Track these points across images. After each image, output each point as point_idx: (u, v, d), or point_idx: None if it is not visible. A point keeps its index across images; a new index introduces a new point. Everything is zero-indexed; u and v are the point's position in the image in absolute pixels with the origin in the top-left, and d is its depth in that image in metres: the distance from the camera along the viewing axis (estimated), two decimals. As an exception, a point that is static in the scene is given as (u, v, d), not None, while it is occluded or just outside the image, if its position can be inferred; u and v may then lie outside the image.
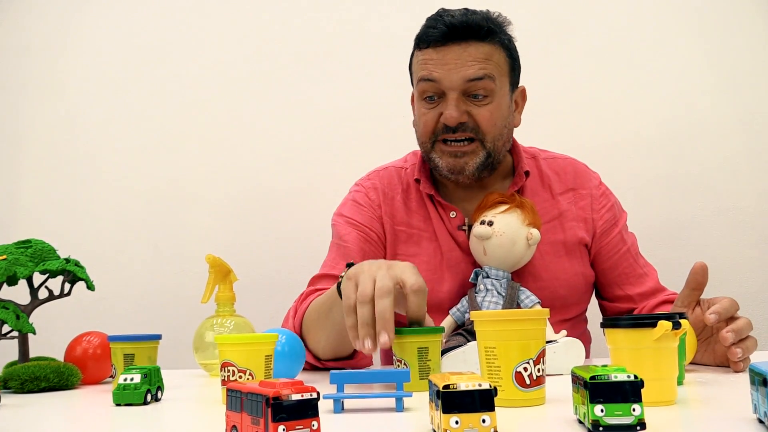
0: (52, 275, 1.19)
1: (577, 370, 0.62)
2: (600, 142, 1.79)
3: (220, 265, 1.30)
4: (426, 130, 1.27)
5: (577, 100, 1.89)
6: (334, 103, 1.94)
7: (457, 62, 1.22)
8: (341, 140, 1.92)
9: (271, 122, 1.95)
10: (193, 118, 1.97)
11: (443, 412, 0.53)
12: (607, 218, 1.34)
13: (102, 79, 2.00)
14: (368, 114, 1.92)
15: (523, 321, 0.75)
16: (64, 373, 1.06)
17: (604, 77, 1.90)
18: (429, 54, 1.24)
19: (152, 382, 0.87)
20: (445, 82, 1.22)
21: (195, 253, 1.60)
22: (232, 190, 1.95)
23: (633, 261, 1.35)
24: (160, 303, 1.91)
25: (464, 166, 1.26)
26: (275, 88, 1.96)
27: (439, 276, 1.29)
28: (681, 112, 1.86)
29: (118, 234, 1.96)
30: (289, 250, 1.91)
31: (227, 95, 1.97)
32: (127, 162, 1.98)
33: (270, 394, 0.52)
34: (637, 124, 1.88)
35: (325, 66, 1.95)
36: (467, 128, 1.24)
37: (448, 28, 1.22)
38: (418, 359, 0.90)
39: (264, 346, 0.85)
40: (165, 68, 1.99)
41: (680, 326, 0.69)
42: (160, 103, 1.98)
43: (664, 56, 1.88)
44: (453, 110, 1.22)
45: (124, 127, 1.99)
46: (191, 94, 1.97)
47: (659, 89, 1.88)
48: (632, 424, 0.55)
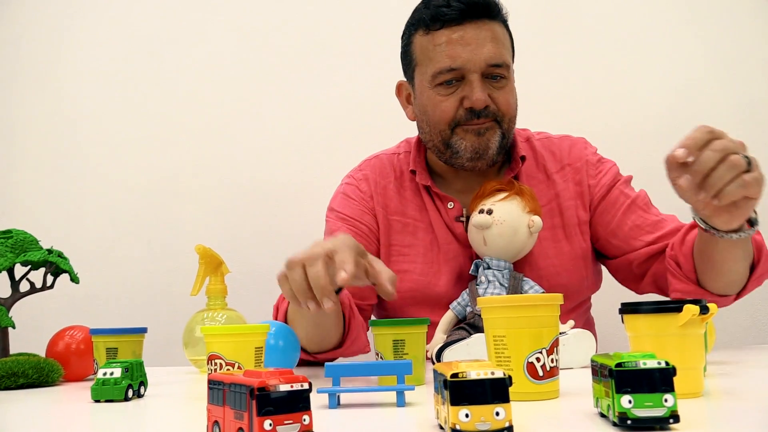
0: (34, 267, 1.14)
1: (599, 358, 0.56)
2: (598, 135, 1.74)
3: (211, 256, 1.24)
4: (445, 117, 1.18)
5: (575, 93, 1.85)
6: (327, 97, 1.90)
7: (477, 42, 1.15)
8: (335, 134, 1.88)
9: (265, 117, 1.91)
10: (186, 113, 1.93)
11: (451, 404, 0.47)
12: (604, 182, 1.26)
13: (95, 75, 1.96)
14: (362, 108, 1.88)
15: (535, 307, 0.69)
16: (44, 368, 1.00)
17: (602, 70, 1.85)
18: (444, 35, 1.16)
19: (134, 376, 0.81)
20: (468, 65, 1.14)
21: (188, 249, 1.55)
22: (226, 185, 1.90)
23: (644, 211, 1.23)
24: (153, 300, 1.85)
25: (488, 144, 1.18)
26: (268, 82, 1.92)
27: (436, 269, 1.23)
28: (680, 105, 1.82)
29: (110, 230, 1.91)
30: (284, 244, 1.85)
31: (220, 91, 1.93)
32: (120, 157, 1.93)
33: (255, 384, 0.46)
34: (636, 116, 1.84)
35: (317, 60, 1.91)
36: (489, 113, 1.17)
37: (466, 5, 1.14)
38: (394, 352, 0.85)
39: (254, 337, 0.79)
40: (157, 64, 1.95)
41: (708, 311, 0.63)
42: (153, 98, 1.94)
43: (663, 49, 1.85)
44: (480, 93, 1.14)
45: (116, 122, 1.95)
46: (184, 90, 1.93)
47: (658, 82, 1.84)
48: (664, 417, 0.49)
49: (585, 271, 1.26)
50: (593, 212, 1.26)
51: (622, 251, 1.24)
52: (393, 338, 0.85)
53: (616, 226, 1.23)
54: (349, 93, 1.89)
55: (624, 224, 1.23)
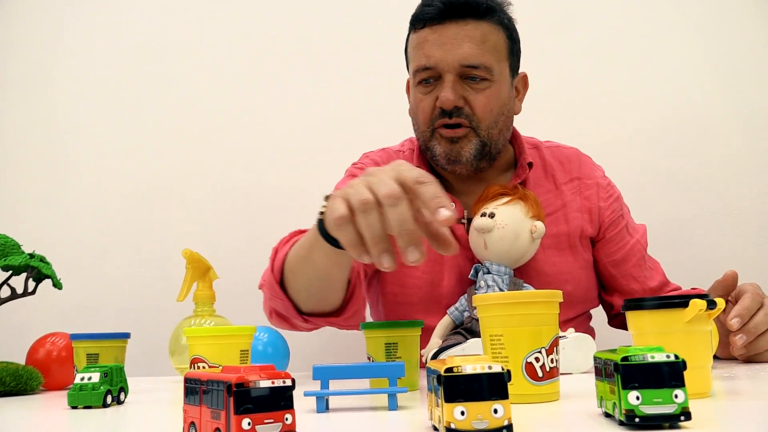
0: (15, 272, 1.10)
1: (602, 354, 0.52)
2: (599, 141, 1.73)
3: (198, 261, 1.21)
4: (424, 117, 1.18)
5: (576, 98, 1.83)
6: (320, 103, 1.87)
7: (454, 42, 1.13)
8: (327, 140, 1.85)
9: (255, 124, 1.89)
10: (176, 120, 1.91)
11: (446, 401, 0.43)
12: (614, 208, 1.27)
13: (85, 82, 1.93)
14: (356, 113, 1.85)
15: (534, 304, 0.65)
16: (23, 376, 0.96)
17: (603, 75, 1.84)
18: (425, 34, 1.16)
19: (113, 382, 0.77)
20: (442, 64, 1.14)
21: (179, 257, 1.51)
22: (218, 193, 1.87)
23: (642, 256, 1.27)
24: (142, 309, 1.81)
25: (460, 152, 1.17)
26: (257, 89, 1.90)
27: (438, 271, 1.20)
28: (681, 110, 1.81)
29: (99, 237, 1.87)
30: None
31: (210, 98, 1.90)
32: (109, 164, 1.90)
33: (233, 380, 0.42)
34: (637, 122, 1.82)
35: (311, 65, 1.89)
36: (462, 114, 1.15)
37: (444, 5, 1.14)
38: (386, 356, 0.81)
39: (239, 339, 0.75)
40: (147, 72, 1.92)
41: (715, 306, 0.60)
42: (143, 104, 1.92)
43: (664, 53, 1.83)
44: (449, 92, 1.13)
45: (106, 128, 1.92)
46: (174, 97, 1.91)
47: (659, 87, 1.82)
48: (675, 414, 0.45)
49: (589, 282, 1.25)
50: (601, 235, 1.26)
51: (610, 287, 1.28)
52: (385, 341, 0.82)
53: (619, 260, 1.26)
54: (344, 99, 1.87)
55: (626, 262, 1.26)
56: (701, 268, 1.73)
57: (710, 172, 1.79)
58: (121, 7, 1.95)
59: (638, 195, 1.64)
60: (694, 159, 1.80)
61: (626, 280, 1.26)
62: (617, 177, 1.35)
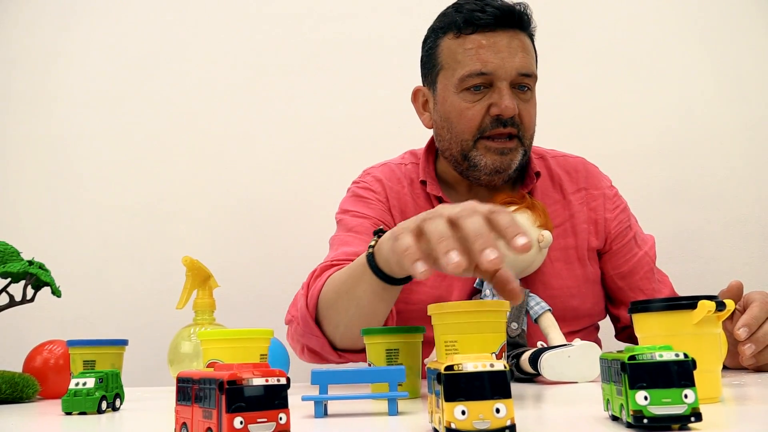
0: (14, 279, 1.08)
1: (608, 355, 0.51)
2: (605, 153, 1.71)
3: (198, 269, 1.19)
4: (471, 124, 1.14)
5: (583, 110, 1.83)
6: (321, 114, 1.87)
7: (509, 50, 1.13)
8: (328, 151, 1.85)
9: (256, 135, 1.89)
10: (178, 131, 1.91)
11: (446, 400, 0.41)
12: (621, 219, 1.25)
13: (86, 93, 1.93)
14: (357, 124, 1.85)
15: (484, 312, 0.70)
16: (19, 384, 0.94)
17: (609, 86, 1.84)
18: (476, 40, 1.13)
19: (109, 388, 0.76)
20: (499, 71, 1.12)
21: (179, 268, 1.50)
22: (220, 204, 1.86)
23: (651, 268, 1.25)
24: (144, 320, 1.79)
25: (510, 164, 1.15)
26: (258, 100, 1.90)
27: (449, 282, 1.18)
28: (688, 122, 1.81)
29: (100, 247, 1.86)
30: (277, 263, 1.81)
31: (211, 109, 1.90)
32: (112, 175, 1.90)
33: (225, 377, 0.41)
34: (643, 134, 1.82)
35: (311, 76, 1.89)
36: (514, 123, 1.14)
37: (500, 12, 1.13)
38: (387, 362, 0.79)
39: (258, 342, 0.72)
40: (149, 83, 1.92)
41: (725, 307, 0.58)
42: (145, 115, 1.92)
43: (668, 64, 1.83)
44: (510, 100, 1.11)
45: (108, 140, 1.92)
46: (175, 108, 1.91)
47: (663, 98, 1.82)
48: (685, 414, 0.43)
49: (595, 297, 1.23)
50: (608, 247, 1.24)
51: (617, 299, 1.26)
52: (386, 347, 0.80)
53: (626, 273, 1.24)
54: (345, 110, 1.86)
55: (634, 274, 1.24)
56: (707, 280, 1.71)
57: (717, 183, 1.78)
58: (127, 19, 1.95)
59: (644, 207, 1.63)
60: (701, 171, 1.79)
61: (634, 292, 1.23)
62: (623, 189, 1.34)
